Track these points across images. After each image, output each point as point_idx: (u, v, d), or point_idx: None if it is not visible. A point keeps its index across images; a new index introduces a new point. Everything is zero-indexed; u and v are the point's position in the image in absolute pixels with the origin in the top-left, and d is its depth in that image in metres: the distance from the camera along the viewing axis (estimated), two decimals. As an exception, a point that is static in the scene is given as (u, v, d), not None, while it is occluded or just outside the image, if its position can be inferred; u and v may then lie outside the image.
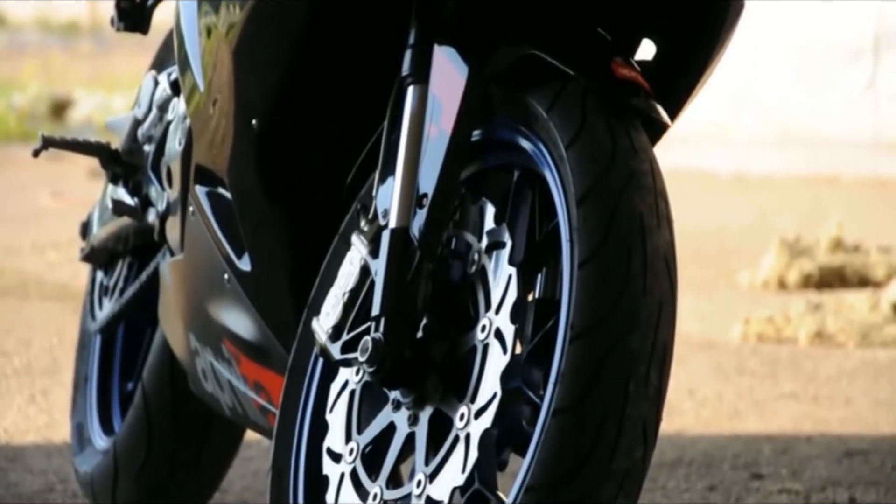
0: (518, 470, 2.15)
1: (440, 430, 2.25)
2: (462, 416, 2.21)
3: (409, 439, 2.28)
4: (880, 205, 7.39)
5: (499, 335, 2.21)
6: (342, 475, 2.34)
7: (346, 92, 2.50)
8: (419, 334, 2.27)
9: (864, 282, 5.60)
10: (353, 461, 2.33)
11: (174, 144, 2.91)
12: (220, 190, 2.65)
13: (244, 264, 2.62)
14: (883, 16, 8.83)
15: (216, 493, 3.17)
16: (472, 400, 2.21)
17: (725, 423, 3.99)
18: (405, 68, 2.35)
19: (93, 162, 3.24)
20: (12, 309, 5.14)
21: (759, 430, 3.98)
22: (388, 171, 2.34)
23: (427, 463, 2.24)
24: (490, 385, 2.19)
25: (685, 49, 2.44)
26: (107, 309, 3.25)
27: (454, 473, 2.20)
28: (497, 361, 2.19)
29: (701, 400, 4.09)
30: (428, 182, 2.29)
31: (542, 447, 2.13)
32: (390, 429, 2.31)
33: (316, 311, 2.38)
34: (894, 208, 7.31)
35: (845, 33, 8.82)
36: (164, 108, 3.06)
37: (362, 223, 2.36)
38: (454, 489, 2.20)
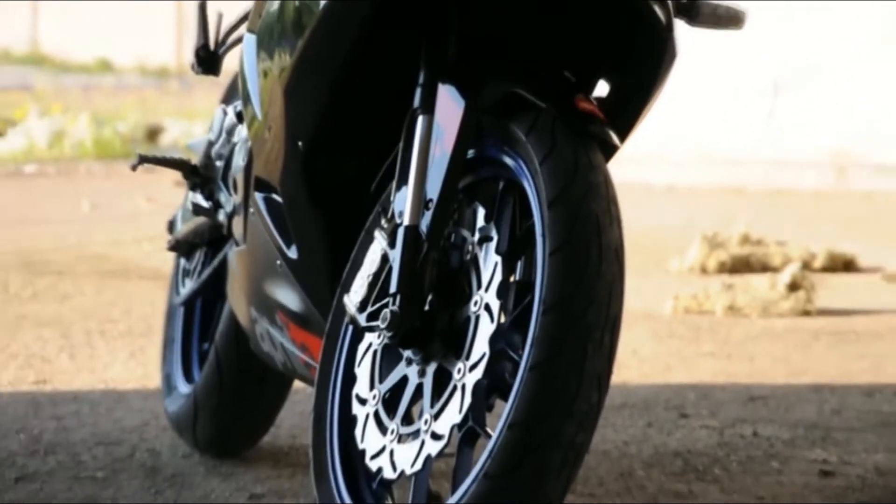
0: (502, 412, 2.14)
1: (442, 381, 2.25)
2: (459, 370, 2.21)
3: (419, 388, 2.28)
4: (778, 209, 7.38)
5: (487, 308, 2.20)
6: (367, 415, 2.33)
7: (371, 120, 2.49)
8: (426, 308, 2.26)
9: (764, 268, 5.59)
10: (376, 404, 2.32)
11: (239, 161, 2.90)
12: (274, 196, 2.63)
13: (292, 253, 2.60)
14: (781, 60, 8.83)
15: (271, 428, 3.15)
16: (467, 358, 2.21)
17: (659, 376, 3.98)
18: (416, 102, 2.34)
19: (177, 174, 3.23)
20: (117, 287, 5.13)
21: (685, 381, 3.97)
22: (403, 181, 2.33)
23: (432, 406, 2.24)
24: (481, 347, 2.19)
25: (631, 89, 2.43)
26: (188, 287, 3.25)
27: (453, 414, 2.20)
28: (486, 329, 2.19)
29: (641, 358, 4.08)
30: (433, 190, 2.28)
31: (520, 394, 2.12)
32: (404, 380, 2.30)
33: (347, 289, 2.37)
34: (787, 211, 7.30)
35: (752, 75, 8.82)
36: (231, 132, 3.05)
37: (383, 222, 2.34)
38: (453, 426, 2.20)
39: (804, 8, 8.73)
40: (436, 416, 2.22)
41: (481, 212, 2.28)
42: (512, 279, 2.22)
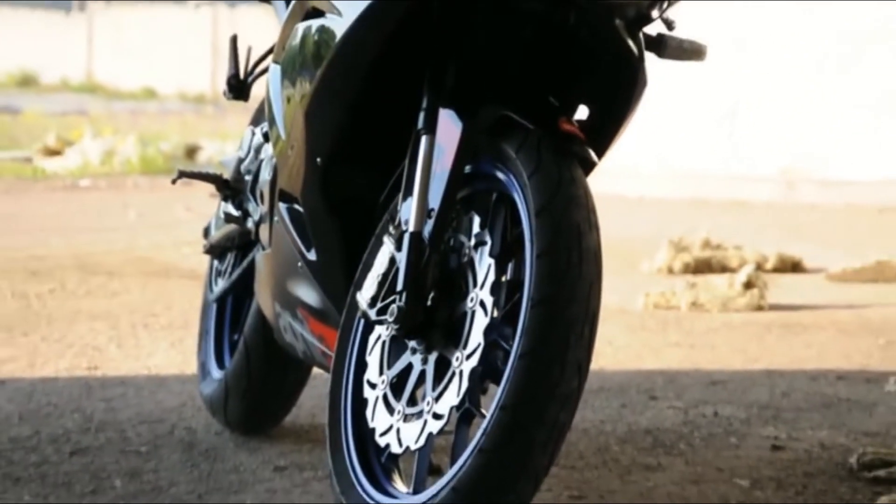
0: (495, 395, 2.13)
1: (442, 368, 2.24)
2: (457, 358, 2.21)
3: (422, 374, 2.27)
4: (735, 218, 7.37)
5: (482, 304, 2.20)
6: (377, 398, 2.32)
7: (381, 140, 2.48)
8: (428, 303, 2.26)
9: (723, 269, 5.59)
10: (384, 388, 2.32)
11: (265, 175, 2.89)
12: (296, 206, 2.62)
13: (312, 256, 2.59)
14: (738, 87, 8.84)
15: (293, 409, 3.14)
16: (464, 347, 2.20)
17: (632, 363, 3.98)
18: (420, 124, 2.33)
19: (211, 187, 3.23)
20: (159, 285, 5.13)
21: (654, 368, 3.97)
22: (408, 193, 2.32)
23: (433, 390, 2.24)
24: (476, 337, 2.18)
25: (607, 113, 2.43)
26: (220, 285, 3.24)
27: (452, 396, 2.20)
28: (481, 322, 2.19)
29: (616, 347, 4.07)
30: (435, 201, 2.28)
31: (511, 380, 2.12)
32: (409, 367, 2.30)
33: (359, 287, 2.36)
34: (743, 220, 7.29)
35: (713, 100, 8.83)
36: (258, 150, 3.04)
37: (391, 228, 2.34)
38: (452, 407, 2.20)
39: (758, 40, 8.73)
40: (437, 399, 2.21)
41: (477, 220, 2.28)
42: (503, 279, 2.21)
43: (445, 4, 2.32)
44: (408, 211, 2.30)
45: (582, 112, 2.40)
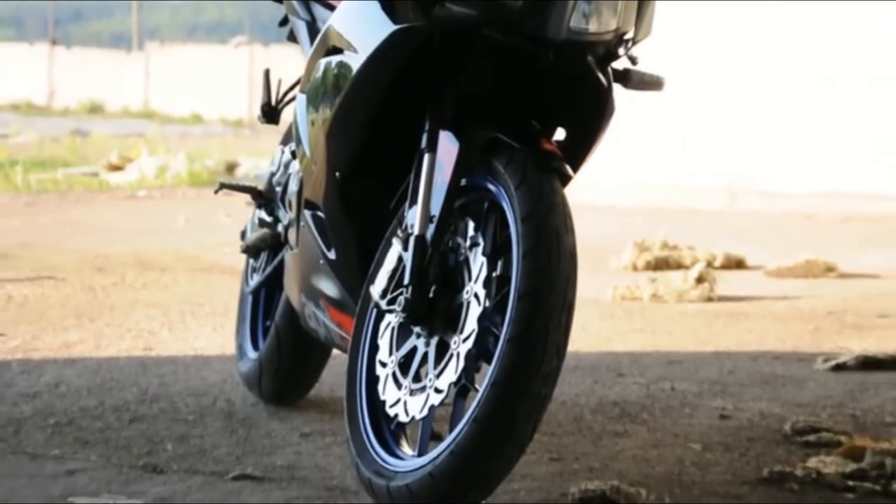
0: (487, 372, 2.13)
1: (442, 350, 2.24)
2: (455, 342, 2.21)
3: (425, 355, 2.28)
4: (689, 223, 7.37)
5: (476, 296, 2.20)
6: (387, 375, 2.32)
7: (389, 157, 2.47)
8: (431, 295, 2.26)
9: (679, 266, 5.59)
10: (393, 367, 2.31)
11: (293, 187, 2.88)
12: (318, 213, 2.61)
13: (332, 255, 2.59)
14: (691, 114, 8.84)
15: (316, 384, 3.13)
16: (461, 332, 2.21)
17: (602, 346, 3.97)
18: (423, 144, 2.33)
19: (247, 197, 3.22)
20: (204, 279, 5.13)
21: (621, 350, 3.97)
22: (413, 202, 2.32)
23: (435, 368, 2.24)
24: (471, 324, 2.19)
25: (581, 135, 2.43)
26: (255, 280, 3.23)
27: (450, 374, 2.21)
28: (475, 311, 2.19)
29: (589, 332, 4.07)
30: (436, 209, 2.28)
31: (500, 360, 2.13)
32: (414, 349, 2.30)
33: (372, 281, 2.36)
34: (696, 224, 7.30)
35: (671, 125, 8.82)
36: (287, 166, 3.03)
37: (399, 232, 2.34)
38: (450, 383, 2.21)
39: (706, 75, 8.72)
40: (438, 376, 2.21)
41: (471, 224, 2.27)
42: (494, 274, 2.20)
43: (444, 44, 2.32)
44: (413, 217, 2.29)
45: (560, 134, 2.40)
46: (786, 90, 8.95)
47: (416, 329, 2.27)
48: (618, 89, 2.41)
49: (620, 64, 2.42)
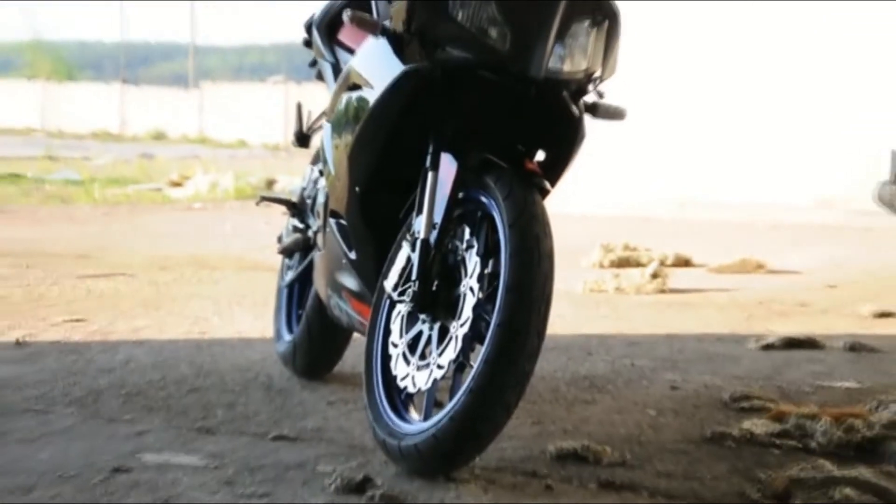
0: (480, 351, 2.13)
1: (444, 333, 2.24)
2: (454, 327, 2.21)
3: (429, 338, 2.27)
4: (645, 229, 7.37)
5: (471, 289, 2.20)
6: (398, 354, 2.32)
7: (400, 174, 2.47)
8: (434, 288, 2.25)
9: (638, 264, 5.59)
10: (403, 347, 2.31)
11: (320, 199, 2.88)
12: (341, 220, 2.61)
13: (353, 255, 2.58)
14: (646, 137, 8.83)
15: (339, 362, 3.13)
16: (459, 319, 2.20)
17: (574, 330, 3.97)
18: (427, 164, 2.33)
19: (283, 208, 3.22)
20: (247, 276, 5.14)
21: (590, 332, 3.96)
22: (419, 212, 2.32)
23: (437, 348, 2.24)
24: (467, 312, 2.18)
25: (558, 156, 2.43)
26: (289, 276, 3.22)
27: (450, 353, 2.20)
28: (471, 301, 2.19)
29: (564, 319, 4.05)
30: (438, 217, 2.28)
31: (491, 342, 2.13)
32: (420, 333, 2.29)
33: (386, 277, 2.35)
34: (651, 230, 7.29)
35: (629, 147, 8.80)
36: (315, 182, 3.03)
37: (407, 236, 2.33)
38: (450, 360, 2.19)
39: (657, 105, 8.73)
40: (440, 355, 2.21)
41: (467, 230, 2.26)
42: (486, 271, 2.19)
43: (445, 81, 2.31)
44: (419, 224, 2.28)
45: (540, 155, 2.40)
46: (726, 120, 8.98)
47: (422, 316, 2.26)
48: (588, 119, 2.41)
49: (590, 98, 2.42)
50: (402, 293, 2.28)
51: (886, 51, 7.85)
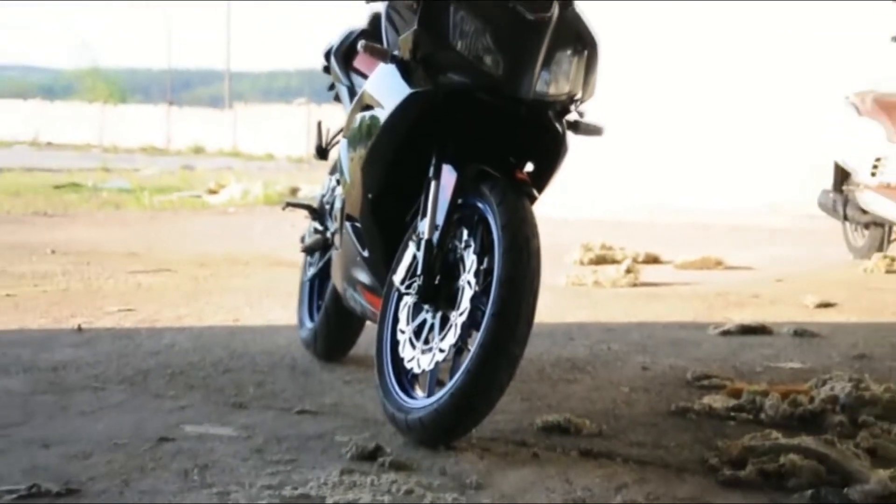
0: (476, 337, 2.12)
1: (445, 322, 2.23)
2: (454, 316, 2.21)
3: (432, 325, 2.26)
4: (620, 231, 7.35)
5: (469, 283, 2.19)
6: (405, 339, 2.31)
7: (406, 183, 2.45)
8: (436, 282, 2.24)
9: (613, 261, 5.57)
10: (409, 334, 2.30)
11: (338, 205, 2.87)
12: (356, 223, 2.60)
13: (365, 253, 2.57)
14: (618, 151, 8.80)
15: (354, 346, 3.12)
16: (458, 309, 2.19)
17: (558, 318, 3.95)
18: (430, 174, 2.32)
19: (305, 212, 3.22)
20: (275, 271, 5.13)
21: (571, 321, 3.95)
22: (424, 215, 2.31)
23: (439, 334, 2.23)
24: (465, 303, 2.18)
25: (544, 168, 2.42)
26: (311, 271, 3.21)
27: (450, 338, 2.19)
28: (468, 294, 2.18)
29: (549, 309, 4.01)
30: (440, 220, 2.27)
31: (486, 329, 2.12)
32: (424, 321, 2.28)
33: (394, 272, 2.35)
34: (625, 232, 7.27)
35: (603, 160, 8.76)
36: (333, 190, 3.02)
37: (413, 237, 2.32)
38: (450, 345, 2.18)
39: (633, 121, 8.71)
40: (441, 340, 2.20)
41: (465, 231, 2.25)
42: (482, 267, 2.18)
43: (446, 102, 2.31)
44: (423, 226, 2.27)
45: (529, 167, 2.39)
46: (691, 136, 8.97)
47: (426, 307, 2.25)
48: (570, 135, 2.41)
49: (572, 117, 2.41)
50: (408, 286, 2.26)
51: (830, 73, 7.82)
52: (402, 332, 2.30)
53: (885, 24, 5.85)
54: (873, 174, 5.77)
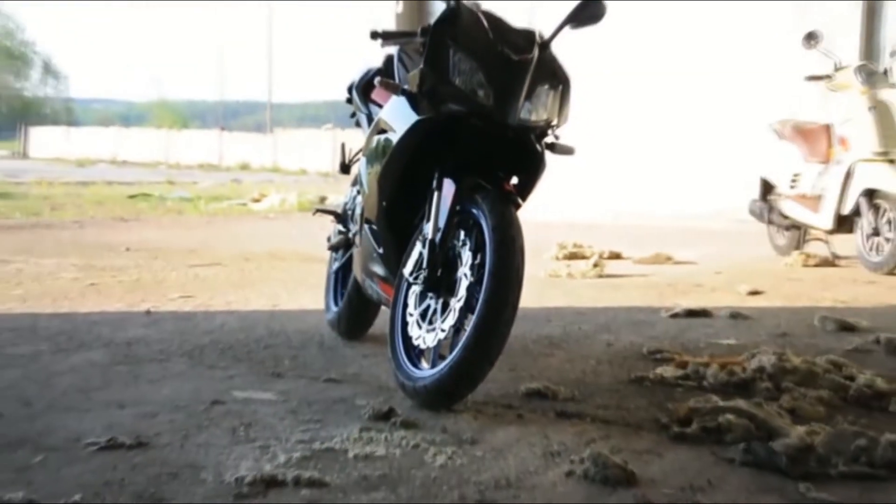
0: (471, 320, 2.10)
1: (446, 306, 2.21)
2: (453, 302, 2.19)
3: (435, 310, 2.24)
4: (589, 232, 7.30)
5: (465, 275, 2.17)
6: (413, 321, 2.29)
7: (414, 194, 2.44)
8: (438, 274, 2.23)
9: (584, 257, 5.56)
10: (416, 316, 2.28)
11: (358, 211, 2.85)
12: (373, 226, 2.59)
13: (380, 250, 2.56)
14: (588, 165, 8.77)
15: (371, 327, 3.11)
16: (456, 296, 2.17)
17: (538, 304, 3.93)
18: (434, 185, 2.30)
19: (331, 217, 3.21)
20: (307, 265, 5.10)
21: (549, 306, 3.93)
22: (428, 220, 2.29)
23: (441, 317, 2.20)
24: (462, 291, 2.16)
25: (527, 181, 2.40)
26: (335, 265, 3.20)
27: (450, 320, 2.18)
28: (465, 284, 2.16)
29: (531, 296, 3.99)
30: (441, 223, 2.25)
31: (480, 313, 2.10)
32: (428, 306, 2.27)
33: (404, 266, 2.33)
34: (593, 234, 7.18)
35: (575, 173, 8.72)
36: (354, 199, 3.00)
37: (420, 237, 2.30)
38: (450, 326, 2.17)
39: (598, 139, 8.67)
40: (442, 322, 2.18)
41: (462, 233, 2.23)
42: (476, 262, 2.17)
43: (446, 127, 2.29)
44: (428, 228, 2.26)
45: (514, 180, 2.38)
46: (649, 152, 8.94)
47: (430, 294, 2.24)
48: (548, 154, 2.40)
49: (549, 139, 2.40)
50: (415, 278, 2.26)
51: (761, 104, 7.79)
52: (411, 315, 2.29)
53: (803, 66, 5.85)
54: (792, 187, 5.84)
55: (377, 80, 2.45)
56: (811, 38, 5.45)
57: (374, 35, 2.38)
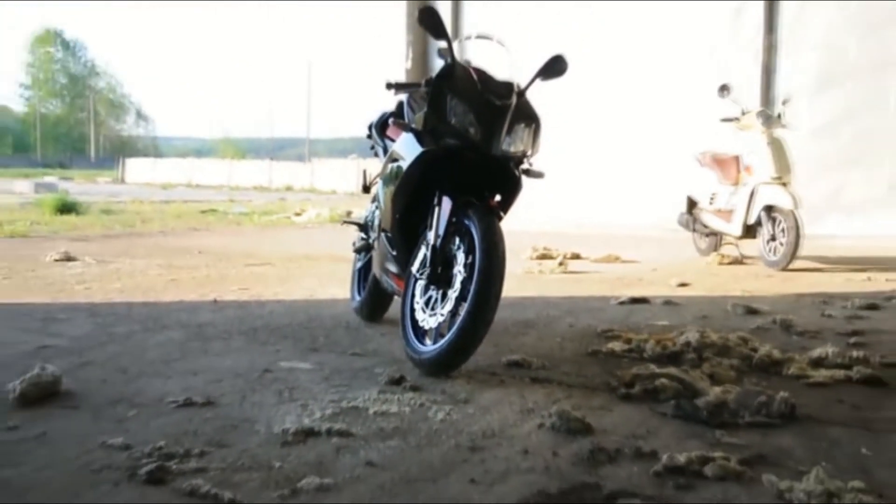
0: (464, 307, 2.09)
1: (444, 296, 2.20)
2: (450, 293, 2.17)
3: (436, 299, 2.23)
4: (557, 238, 7.30)
5: (459, 272, 2.17)
6: (419, 307, 2.28)
7: (420, 208, 2.43)
8: (438, 271, 2.22)
9: (552, 258, 5.54)
10: (421, 304, 2.28)
11: (376, 222, 2.85)
12: (388, 234, 2.58)
13: (394, 253, 2.55)
14: (554, 180, 8.69)
15: (386, 313, 3.09)
16: (453, 288, 2.16)
17: (515, 294, 3.92)
18: (435, 202, 2.29)
19: (355, 227, 3.19)
20: (334, 264, 5.07)
21: (525, 296, 3.92)
22: (430, 228, 2.28)
23: (441, 304, 2.19)
24: (457, 285, 2.15)
25: (507, 198, 2.39)
26: (358, 264, 3.18)
27: (448, 307, 2.17)
28: (459, 278, 2.16)
29: (511, 288, 3.90)
30: (441, 231, 2.24)
31: (470, 302, 2.09)
32: (431, 296, 2.26)
33: (412, 264, 2.32)
34: (560, 239, 7.18)
35: (543, 190, 8.64)
36: (373, 212, 2.99)
37: (424, 242, 2.29)
38: (448, 311, 2.15)
39: (565, 156, 8.60)
40: (442, 308, 2.18)
41: (458, 239, 2.23)
42: (468, 262, 2.17)
43: (445, 157, 2.29)
44: (430, 236, 2.26)
45: (497, 198, 2.38)
46: (604, 171, 8.89)
47: (432, 287, 2.25)
48: (523, 178, 2.39)
49: (524, 166, 2.40)
50: (421, 274, 2.27)
51: (690, 136, 7.76)
52: (417, 303, 2.30)
53: (719, 110, 5.88)
54: (711, 203, 5.96)
55: (391, 120, 2.49)
56: (724, 89, 5.67)
57: (389, 86, 2.41)
